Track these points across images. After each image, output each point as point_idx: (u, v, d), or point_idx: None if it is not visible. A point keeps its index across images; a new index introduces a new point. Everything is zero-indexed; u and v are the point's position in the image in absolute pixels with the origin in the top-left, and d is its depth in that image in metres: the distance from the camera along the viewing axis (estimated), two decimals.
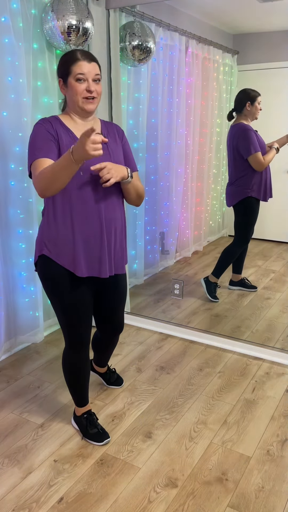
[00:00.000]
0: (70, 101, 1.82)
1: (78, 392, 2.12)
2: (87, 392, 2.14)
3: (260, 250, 4.46)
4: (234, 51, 3.95)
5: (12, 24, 2.48)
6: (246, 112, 3.32)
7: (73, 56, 1.76)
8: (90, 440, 2.13)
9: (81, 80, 1.75)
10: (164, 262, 4.22)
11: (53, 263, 1.84)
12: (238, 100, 3.34)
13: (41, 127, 1.76)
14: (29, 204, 2.74)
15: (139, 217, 3.76)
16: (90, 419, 2.16)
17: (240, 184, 3.44)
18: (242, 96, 3.32)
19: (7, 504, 1.80)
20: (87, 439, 2.14)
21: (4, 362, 2.82)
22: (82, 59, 1.75)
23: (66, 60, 1.78)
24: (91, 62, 1.77)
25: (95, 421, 2.17)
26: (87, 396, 2.15)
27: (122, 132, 1.98)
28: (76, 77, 1.75)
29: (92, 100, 1.78)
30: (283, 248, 4.45)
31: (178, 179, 4.06)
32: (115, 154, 1.87)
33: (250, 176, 3.39)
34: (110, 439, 2.15)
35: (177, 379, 2.62)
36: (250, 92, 3.30)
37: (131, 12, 3.14)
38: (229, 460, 2.01)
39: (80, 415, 2.18)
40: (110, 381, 2.55)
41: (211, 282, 3.66)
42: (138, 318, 3.32)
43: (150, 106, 3.67)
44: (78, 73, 1.74)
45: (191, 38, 3.72)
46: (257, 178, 3.39)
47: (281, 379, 2.61)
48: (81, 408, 2.17)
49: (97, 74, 1.78)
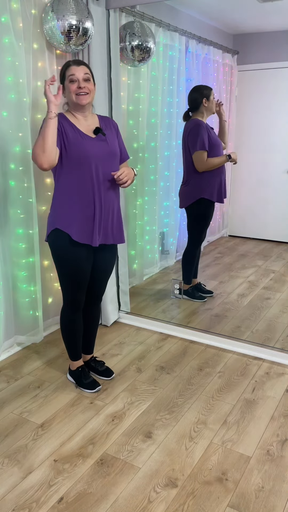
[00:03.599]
0: (69, 100, 2.20)
1: (73, 346, 2.50)
2: (80, 347, 2.53)
3: (260, 250, 4.47)
4: (234, 51, 3.94)
5: (12, 24, 2.48)
6: (204, 108, 3.26)
7: (66, 63, 2.18)
8: (84, 388, 2.49)
9: (73, 81, 2.13)
10: (164, 262, 4.22)
11: (63, 234, 2.19)
12: (193, 99, 3.27)
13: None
14: (29, 204, 2.74)
15: (139, 217, 3.76)
16: (84, 372, 2.53)
17: (192, 184, 3.33)
18: (197, 94, 3.25)
19: (7, 504, 1.80)
20: (81, 388, 2.50)
21: (4, 362, 2.82)
22: (73, 64, 2.15)
23: (62, 68, 2.20)
24: (80, 65, 2.15)
25: (88, 373, 2.55)
26: (80, 351, 2.54)
27: (117, 126, 2.36)
28: (69, 78, 2.14)
29: (84, 96, 2.13)
30: (283, 248, 4.45)
31: (178, 179, 4.06)
32: (112, 143, 2.24)
33: (203, 177, 3.29)
34: (101, 387, 2.51)
35: (177, 379, 2.62)
36: (203, 89, 3.24)
37: (131, 12, 3.14)
38: (229, 460, 2.02)
39: (75, 369, 2.54)
40: (99, 370, 2.63)
41: (188, 289, 3.60)
42: (138, 318, 3.32)
43: (150, 106, 3.66)
44: (69, 75, 2.14)
45: (191, 38, 3.72)
46: (210, 178, 3.29)
47: (281, 379, 2.61)
48: (75, 362, 2.54)
49: (86, 73, 2.14)
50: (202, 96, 3.23)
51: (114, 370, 2.71)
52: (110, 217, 2.27)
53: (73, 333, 2.47)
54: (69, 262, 2.25)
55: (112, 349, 2.97)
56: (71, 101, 2.17)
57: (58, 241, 2.22)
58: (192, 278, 3.61)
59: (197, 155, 3.23)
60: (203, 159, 3.22)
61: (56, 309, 3.21)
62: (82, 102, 2.15)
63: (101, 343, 3.04)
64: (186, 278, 3.60)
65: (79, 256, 2.25)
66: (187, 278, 3.60)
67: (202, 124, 3.22)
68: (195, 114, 3.30)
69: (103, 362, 2.67)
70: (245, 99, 4.21)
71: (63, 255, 2.24)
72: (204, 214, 3.39)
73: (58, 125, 2.10)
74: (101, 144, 2.18)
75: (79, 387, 2.51)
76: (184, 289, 3.61)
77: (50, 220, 2.24)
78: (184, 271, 3.59)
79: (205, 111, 3.27)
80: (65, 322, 2.46)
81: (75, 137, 2.13)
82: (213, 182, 3.31)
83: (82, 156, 2.12)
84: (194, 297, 3.61)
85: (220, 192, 3.36)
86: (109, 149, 2.20)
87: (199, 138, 3.19)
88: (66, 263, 2.26)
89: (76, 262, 2.25)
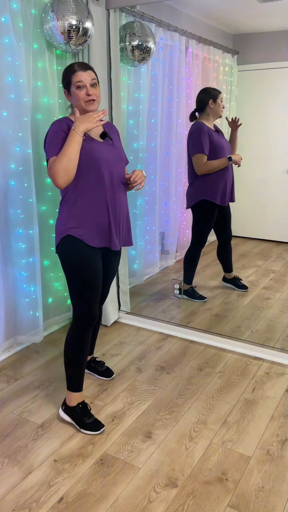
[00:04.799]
0: (76, 106, 2.13)
1: (77, 373, 2.20)
2: (84, 375, 2.24)
3: (260, 250, 4.46)
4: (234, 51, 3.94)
5: (12, 24, 2.48)
6: (209, 110, 3.28)
7: (71, 68, 2.09)
8: (87, 430, 2.18)
9: (81, 87, 2.06)
10: (164, 262, 4.22)
11: (76, 240, 2.08)
12: (200, 99, 3.30)
13: (57, 126, 2.03)
14: (29, 204, 2.74)
15: (139, 217, 3.76)
16: (86, 409, 2.23)
17: (195, 186, 3.36)
18: (204, 95, 3.28)
19: (7, 504, 1.80)
20: (83, 430, 2.18)
21: (4, 362, 2.82)
22: (79, 69, 2.07)
23: (67, 73, 2.10)
24: (87, 70, 2.08)
25: (90, 410, 2.25)
26: (83, 379, 2.24)
27: (117, 131, 2.33)
28: (76, 85, 2.06)
29: (93, 102, 2.09)
30: (283, 248, 4.45)
31: (178, 179, 4.06)
32: (118, 148, 2.22)
33: (205, 178, 3.31)
34: (105, 427, 2.20)
35: (177, 379, 2.62)
36: (211, 91, 3.27)
37: (131, 12, 3.14)
38: (229, 460, 2.02)
39: (75, 405, 2.23)
40: (98, 370, 2.62)
41: (187, 290, 3.62)
42: (138, 318, 3.32)
43: (150, 106, 3.66)
44: (77, 81, 2.06)
45: (191, 38, 3.72)
46: (213, 181, 3.30)
47: (281, 379, 2.61)
48: (75, 395, 2.23)
49: (93, 79, 2.08)
50: (208, 97, 3.26)
51: (114, 370, 2.71)
52: (122, 220, 2.22)
53: (81, 356, 2.20)
54: (86, 268, 2.10)
55: (112, 349, 2.97)
56: (79, 108, 2.10)
57: (72, 248, 2.09)
58: (192, 279, 3.61)
59: (195, 159, 3.26)
60: (201, 162, 3.25)
61: (56, 309, 3.21)
62: (91, 109, 2.10)
63: (101, 343, 3.04)
64: (186, 278, 3.60)
65: (96, 261, 2.13)
66: (187, 278, 3.60)
67: (203, 127, 3.24)
68: (200, 116, 3.33)
69: (103, 362, 2.67)
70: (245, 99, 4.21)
71: (79, 262, 2.09)
72: (206, 215, 3.40)
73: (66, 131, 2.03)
74: (110, 148, 2.14)
75: (81, 429, 2.19)
76: (184, 289, 3.61)
77: (60, 227, 2.11)
78: (184, 271, 3.59)
79: (210, 113, 3.29)
80: (75, 343, 2.18)
81: (86, 142, 2.06)
82: (217, 184, 3.32)
83: (94, 161, 2.05)
84: (194, 297, 3.61)
85: (224, 195, 3.36)
86: (117, 153, 2.17)
87: (199, 141, 3.22)
88: (82, 270, 2.10)
89: (93, 268, 2.12)
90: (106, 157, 2.09)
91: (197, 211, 3.41)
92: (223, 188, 3.34)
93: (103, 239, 2.13)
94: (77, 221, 2.08)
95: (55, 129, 2.02)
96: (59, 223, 2.13)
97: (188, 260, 3.57)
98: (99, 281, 2.17)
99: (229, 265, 3.75)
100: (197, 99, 3.33)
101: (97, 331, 2.57)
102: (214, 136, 3.27)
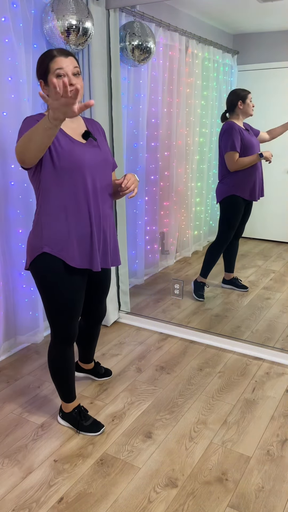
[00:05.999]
0: None
1: (66, 386, 2.13)
2: (74, 385, 2.17)
3: (260, 250, 4.46)
4: (234, 51, 3.94)
5: (12, 24, 2.48)
6: (239, 111, 3.38)
7: (49, 54, 1.76)
8: (87, 432, 2.16)
9: (61, 76, 1.74)
10: (164, 262, 4.22)
11: (54, 259, 1.84)
12: (230, 101, 3.42)
13: (32, 119, 1.76)
14: (29, 204, 2.74)
15: (139, 217, 3.76)
16: (82, 413, 2.19)
17: (225, 182, 3.47)
18: (233, 96, 3.39)
19: (7, 504, 1.80)
20: (83, 433, 2.17)
21: (4, 362, 2.82)
22: (59, 55, 1.75)
23: (43, 59, 1.78)
24: (68, 56, 1.77)
25: (87, 413, 2.21)
26: (74, 390, 2.18)
27: (103, 130, 2.04)
28: (56, 73, 1.74)
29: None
30: (283, 248, 4.45)
31: (178, 179, 4.06)
32: (104, 150, 1.92)
33: (235, 175, 3.42)
34: (105, 427, 2.20)
35: (177, 379, 2.62)
36: (240, 92, 3.38)
37: (131, 12, 3.14)
38: (229, 460, 2.02)
39: (70, 411, 2.19)
40: (99, 373, 2.60)
41: (199, 282, 3.67)
42: (138, 318, 3.32)
43: (150, 106, 3.67)
44: (56, 69, 1.74)
45: (191, 38, 3.72)
46: (243, 177, 3.42)
47: (281, 379, 2.61)
48: (70, 404, 2.18)
49: (75, 67, 1.77)
50: (238, 98, 3.36)
51: (114, 370, 2.71)
52: (108, 234, 1.94)
53: (66, 373, 2.08)
54: (64, 293, 1.88)
55: (112, 349, 2.97)
56: None
57: (48, 269, 1.83)
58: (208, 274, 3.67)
59: (228, 156, 3.36)
60: (233, 159, 3.35)
61: None
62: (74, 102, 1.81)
63: (101, 343, 3.04)
64: (203, 270, 3.68)
65: (76, 284, 1.90)
66: (204, 271, 3.67)
67: (234, 126, 3.34)
68: (231, 116, 3.42)
69: (100, 364, 2.65)
70: None
71: (56, 285, 1.86)
72: (233, 210, 3.49)
73: None
74: (94, 150, 1.85)
75: (81, 431, 2.17)
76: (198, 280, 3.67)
77: (34, 242, 1.84)
78: (204, 265, 3.66)
79: (240, 114, 3.39)
80: (56, 361, 2.06)
81: (67, 142, 1.78)
82: (247, 180, 3.42)
83: (75, 165, 1.77)
84: (196, 293, 3.64)
85: (253, 190, 3.46)
86: (102, 156, 1.88)
87: (230, 140, 3.33)
88: (59, 295, 1.88)
89: (72, 293, 1.90)
90: (89, 160, 1.81)
91: (226, 205, 3.50)
92: (252, 183, 3.45)
93: (85, 259, 1.87)
94: (55, 236, 1.81)
95: (27, 120, 1.76)
96: (32, 237, 1.86)
97: (212, 254, 3.64)
98: (80, 302, 1.97)
99: (232, 264, 3.79)
100: (227, 101, 3.44)
101: (95, 343, 2.45)
102: (244, 135, 3.38)
